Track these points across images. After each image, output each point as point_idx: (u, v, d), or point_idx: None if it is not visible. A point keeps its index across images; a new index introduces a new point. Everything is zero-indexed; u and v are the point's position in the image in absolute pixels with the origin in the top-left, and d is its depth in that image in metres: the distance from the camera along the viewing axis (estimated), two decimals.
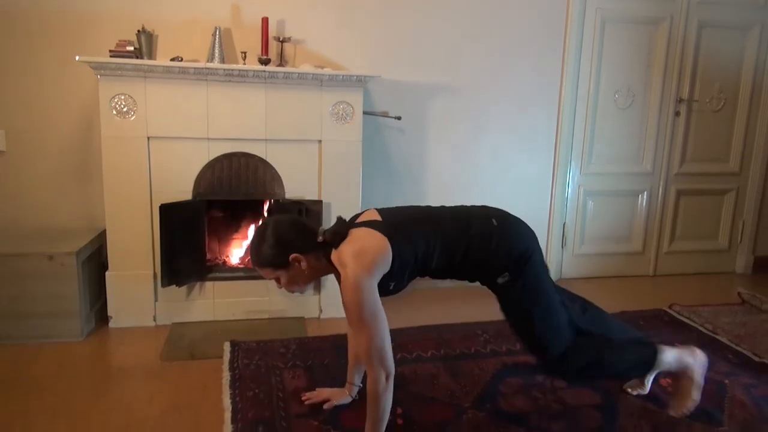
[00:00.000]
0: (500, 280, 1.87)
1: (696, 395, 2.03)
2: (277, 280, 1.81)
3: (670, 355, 2.01)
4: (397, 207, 1.94)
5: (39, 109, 2.82)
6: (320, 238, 1.78)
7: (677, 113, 3.63)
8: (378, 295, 1.69)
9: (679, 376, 2.05)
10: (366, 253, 1.70)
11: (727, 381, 2.34)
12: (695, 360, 2.04)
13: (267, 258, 1.76)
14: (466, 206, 1.99)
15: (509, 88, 3.35)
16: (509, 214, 1.98)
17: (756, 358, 2.56)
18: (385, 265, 1.72)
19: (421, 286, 3.43)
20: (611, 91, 3.52)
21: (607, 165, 3.62)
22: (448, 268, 1.88)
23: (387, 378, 1.69)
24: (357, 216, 1.89)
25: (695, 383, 2.03)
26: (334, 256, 1.75)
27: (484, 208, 1.99)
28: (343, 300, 1.71)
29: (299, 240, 1.77)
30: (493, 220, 1.89)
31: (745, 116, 3.74)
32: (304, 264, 1.77)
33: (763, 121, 3.76)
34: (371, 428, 1.73)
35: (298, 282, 1.81)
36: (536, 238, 1.95)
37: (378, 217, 1.82)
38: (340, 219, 1.84)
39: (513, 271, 1.85)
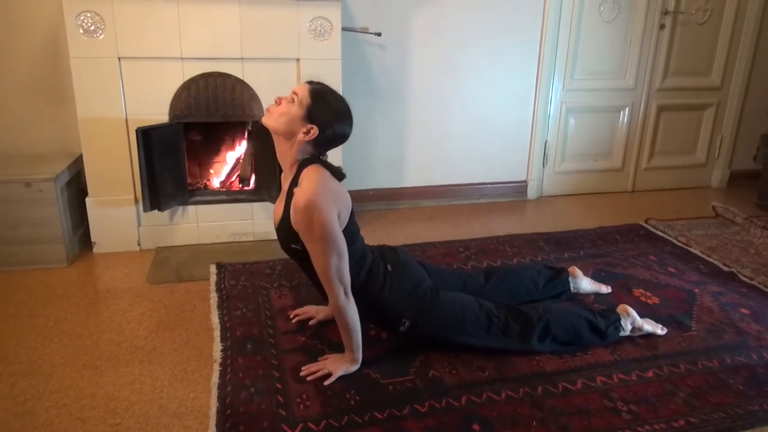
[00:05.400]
0: (402, 329, 1.88)
1: (658, 330, 2.10)
2: (290, 103, 1.69)
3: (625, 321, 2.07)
4: None
5: (1, 29, 2.68)
6: (323, 157, 1.79)
7: (662, 26, 3.56)
8: (336, 217, 1.67)
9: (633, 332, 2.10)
10: (330, 185, 1.70)
11: (697, 290, 2.45)
12: (631, 316, 2.07)
13: (315, 101, 1.68)
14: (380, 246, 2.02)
15: (492, 0, 3.25)
16: (405, 258, 1.96)
17: (725, 268, 2.67)
18: (343, 206, 1.72)
19: (404, 204, 3.47)
20: (596, 3, 3.43)
21: (589, 80, 3.58)
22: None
23: (345, 293, 1.72)
24: None
25: (650, 330, 2.09)
26: (307, 170, 1.71)
27: (389, 248, 2.00)
28: (282, 223, 1.74)
29: (330, 131, 1.71)
30: (388, 266, 1.89)
31: (730, 29, 3.69)
32: (305, 137, 1.69)
33: (747, 34, 3.72)
34: (347, 341, 1.81)
35: (281, 121, 1.69)
36: (423, 276, 1.96)
37: None
38: (340, 168, 1.81)
39: (412, 316, 1.87)
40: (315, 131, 1.69)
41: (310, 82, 1.75)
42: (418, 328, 1.89)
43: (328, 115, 1.71)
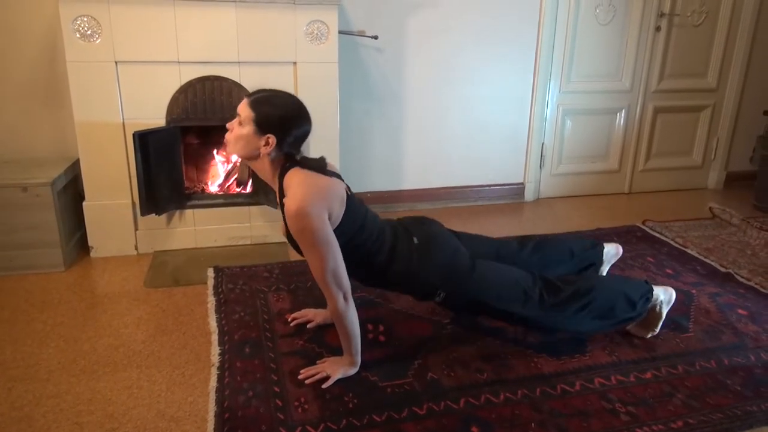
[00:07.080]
0: (438, 299, 1.90)
1: (658, 328, 2.08)
2: (239, 126, 1.70)
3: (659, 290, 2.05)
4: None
5: None
6: (298, 157, 1.76)
7: (658, 28, 3.58)
8: (327, 220, 1.66)
9: (649, 308, 2.06)
10: (316, 184, 1.68)
11: (694, 291, 2.45)
12: (668, 297, 2.07)
13: (258, 112, 1.67)
14: (401, 219, 2.00)
15: (488, 2, 3.26)
16: (435, 229, 1.96)
17: (722, 269, 2.68)
18: (335, 201, 1.70)
19: (401, 207, 3.47)
20: (592, 6, 3.44)
21: (586, 82, 3.59)
22: (377, 273, 1.85)
23: (345, 298, 1.72)
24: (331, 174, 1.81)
25: (662, 318, 2.07)
26: (287, 177, 1.71)
27: (416, 220, 1.99)
28: (288, 230, 1.70)
29: (288, 133, 1.70)
30: (414, 238, 1.88)
31: (725, 31, 3.70)
32: (267, 149, 1.69)
33: (743, 36, 3.73)
34: (346, 345, 1.81)
35: (239, 147, 1.71)
36: (458, 245, 1.95)
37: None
38: (322, 158, 1.80)
39: (447, 287, 1.87)
40: (273, 139, 1.69)
41: (248, 95, 1.74)
42: (453, 299, 1.89)
43: (276, 118, 1.69)
